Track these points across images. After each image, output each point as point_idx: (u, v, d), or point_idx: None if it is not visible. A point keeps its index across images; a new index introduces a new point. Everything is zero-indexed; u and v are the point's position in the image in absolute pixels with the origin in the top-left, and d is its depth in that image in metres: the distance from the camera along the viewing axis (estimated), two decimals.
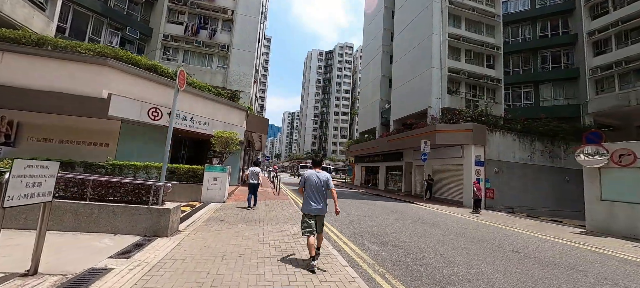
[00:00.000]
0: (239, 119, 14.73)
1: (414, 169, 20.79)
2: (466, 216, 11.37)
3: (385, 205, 13.39)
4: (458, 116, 16.94)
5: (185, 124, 11.69)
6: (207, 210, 8.08)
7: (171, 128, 5.50)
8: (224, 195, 9.87)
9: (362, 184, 31.14)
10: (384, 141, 23.73)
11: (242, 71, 19.10)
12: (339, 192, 18.08)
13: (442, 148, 17.36)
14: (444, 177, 17.52)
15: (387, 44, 29.96)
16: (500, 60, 21.72)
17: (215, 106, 13.40)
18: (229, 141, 10.44)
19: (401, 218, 9.35)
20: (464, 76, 20.23)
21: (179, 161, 13.03)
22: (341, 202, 12.99)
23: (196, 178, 9.87)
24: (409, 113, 22.40)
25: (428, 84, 20.18)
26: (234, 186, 14.57)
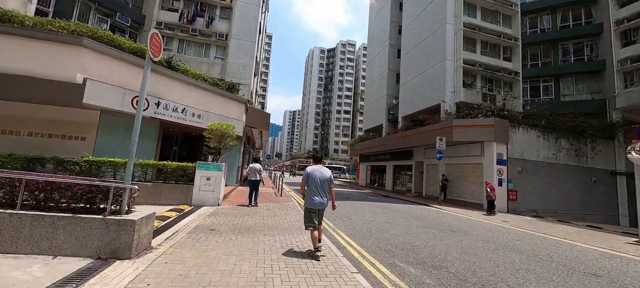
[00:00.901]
0: (237, 113, 13.37)
1: (425, 168, 19.40)
2: (495, 221, 9.98)
3: (400, 208, 12.01)
4: (477, 110, 15.53)
5: (175, 117, 10.34)
6: (196, 216, 6.73)
7: (140, 112, 4.15)
8: (218, 196, 8.52)
9: (368, 184, 29.78)
10: (392, 139, 22.34)
11: (242, 62, 17.75)
12: (344, 193, 16.78)
13: (459, 145, 15.97)
14: (460, 177, 16.13)
15: (395, 37, 28.53)
16: (517, 52, 20.27)
17: (211, 97, 12.05)
18: (225, 135, 9.08)
19: (425, 225, 7.97)
20: (480, 68, 18.80)
21: (170, 158, 11.69)
22: (351, 205, 11.62)
23: (186, 177, 8.52)
24: (420, 109, 20.98)
25: (441, 77, 18.77)
26: (231, 187, 13.24)
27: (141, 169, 8.14)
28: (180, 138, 11.95)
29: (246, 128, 15.94)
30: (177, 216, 6.49)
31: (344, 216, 8.52)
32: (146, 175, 8.21)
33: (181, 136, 12.09)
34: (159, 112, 9.78)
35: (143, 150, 9.67)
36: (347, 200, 13.74)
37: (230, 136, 9.27)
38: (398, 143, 21.29)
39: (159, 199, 8.08)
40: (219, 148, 9.05)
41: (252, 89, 19.04)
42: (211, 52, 17.83)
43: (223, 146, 9.18)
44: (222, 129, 8.98)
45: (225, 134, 9.09)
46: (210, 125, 8.94)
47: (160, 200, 8.09)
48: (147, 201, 7.91)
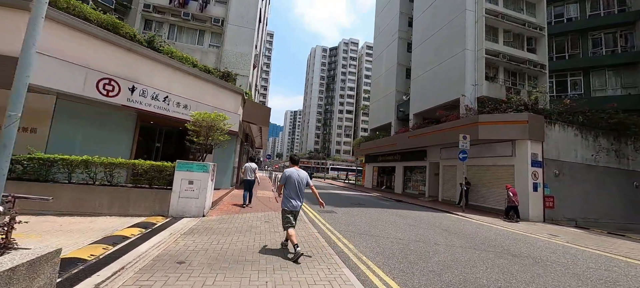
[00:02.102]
0: (233, 105, 11.57)
1: (441, 170, 17.54)
2: (542, 235, 8.12)
3: (423, 217, 10.17)
4: (505, 105, 13.67)
5: (156, 106, 8.54)
6: (167, 235, 4.91)
7: (22, 78, 2.23)
8: (203, 204, 6.70)
9: (374, 186, 27.92)
10: (402, 138, 20.49)
11: (240, 50, 15.96)
12: (351, 197, 14.88)
13: (484, 144, 14.11)
14: (484, 181, 14.26)
15: (404, 30, 26.71)
16: (543, 42, 18.40)
17: (201, 85, 10.25)
18: (214, 128, 7.26)
19: (472, 246, 6.13)
20: (504, 59, 16.95)
21: (153, 157, 9.87)
22: (365, 214, 9.77)
23: (163, 180, 6.70)
24: (434, 105, 19.13)
25: (461, 69, 16.92)
26: (225, 190, 11.43)
27: (105, 169, 6.33)
28: (165, 132, 10.14)
29: (243, 123, 14.13)
30: (138, 236, 4.67)
31: (364, 232, 6.68)
32: (112, 177, 6.40)
33: (166, 131, 10.26)
34: (134, 99, 7.98)
35: (114, 146, 7.89)
36: (359, 206, 11.90)
37: (220, 130, 7.44)
38: (410, 142, 19.46)
39: (126, 209, 6.27)
40: (206, 144, 7.22)
41: (251, 81, 17.25)
42: (205, 39, 16.05)
43: (211, 142, 7.35)
44: (210, 119, 7.16)
45: (214, 126, 7.27)
46: (195, 114, 7.11)
47: (127, 209, 6.28)
48: (110, 211, 6.13)
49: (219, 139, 7.32)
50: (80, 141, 7.61)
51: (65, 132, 7.30)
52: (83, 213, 6.02)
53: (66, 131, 7.32)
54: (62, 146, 6.99)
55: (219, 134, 7.28)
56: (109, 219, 5.85)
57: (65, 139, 7.24)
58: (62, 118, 7.26)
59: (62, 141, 7.16)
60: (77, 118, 7.53)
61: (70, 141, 7.38)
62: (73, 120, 7.46)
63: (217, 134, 7.28)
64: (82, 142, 7.61)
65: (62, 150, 6.54)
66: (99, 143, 7.92)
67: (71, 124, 7.44)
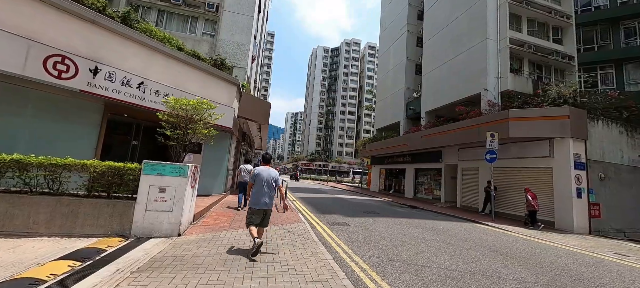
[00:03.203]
0: (226, 97, 9.92)
1: (460, 173, 15.81)
2: (612, 255, 6.38)
3: (457, 231, 8.44)
4: (538, 98, 11.97)
5: (127, 94, 6.88)
6: (110, 275, 3.21)
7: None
8: (179, 219, 5.01)
9: (381, 190, 26.18)
10: (414, 138, 18.79)
11: (237, 40, 14.33)
12: (360, 203, 13.03)
13: (514, 143, 12.40)
14: (512, 185, 12.53)
15: (413, 23, 25.10)
16: (570, 32, 16.73)
17: (187, 72, 8.61)
18: (196, 119, 5.59)
19: (549, 281, 4.41)
20: (530, 50, 15.26)
21: (128, 157, 8.18)
22: (384, 225, 8.05)
23: (126, 186, 5.03)
24: (450, 101, 17.45)
25: (481, 61, 15.25)
26: (217, 196, 9.74)
27: (45, 173, 4.67)
28: (143, 128, 8.45)
29: (240, 120, 12.47)
30: (61, 278, 2.99)
31: (393, 256, 4.97)
32: (57, 184, 4.74)
33: (145, 126, 8.55)
34: (97, 84, 6.32)
35: (73, 143, 6.25)
36: (372, 214, 10.17)
37: (205, 122, 5.77)
38: (423, 142, 17.75)
39: (72, 226, 4.60)
40: (185, 140, 5.54)
41: (250, 75, 15.61)
42: (198, 27, 14.44)
43: (194, 138, 5.68)
44: (191, 107, 5.48)
45: (196, 116, 5.60)
46: (170, 101, 5.44)
47: (74, 228, 4.61)
48: (49, 230, 4.48)
49: (203, 134, 5.63)
50: (27, 136, 5.96)
51: (2, 125, 5.65)
52: (10, 232, 4.36)
53: (4, 123, 5.67)
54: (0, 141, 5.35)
55: (201, 127, 5.59)
56: (41, 242, 4.18)
57: (1, 133, 5.59)
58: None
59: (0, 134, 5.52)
60: (21, 107, 5.90)
61: (11, 136, 5.72)
62: (15, 109, 5.82)
63: (200, 127, 5.59)
64: (30, 138, 5.96)
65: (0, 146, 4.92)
66: (53, 140, 6.28)
67: (12, 115, 5.80)
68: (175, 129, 5.32)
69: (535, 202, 10.26)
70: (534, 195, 10.45)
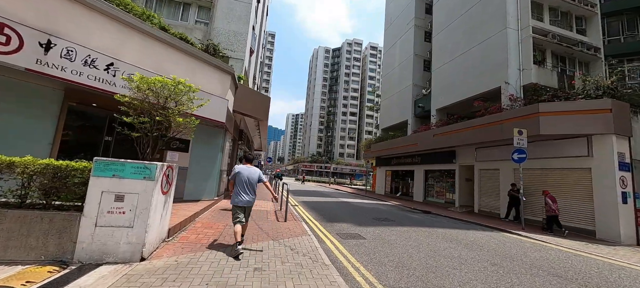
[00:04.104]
0: (219, 87, 8.62)
1: (478, 175, 14.45)
2: None
3: (491, 244, 7.10)
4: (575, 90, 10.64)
5: (92, 77, 5.57)
6: None
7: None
8: (142, 237, 3.68)
9: (387, 192, 24.80)
10: (425, 137, 17.46)
11: (233, 28, 13.07)
12: (367, 207, 11.24)
13: (544, 141, 11.06)
14: (541, 188, 11.14)
15: (421, 17, 23.85)
16: (595, 22, 15.46)
17: (171, 55, 7.31)
18: (169, 104, 4.27)
19: None
20: (554, 40, 13.95)
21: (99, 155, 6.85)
22: (407, 237, 6.69)
23: (72, 193, 3.70)
24: (464, 97, 16.15)
25: (501, 52, 13.94)
26: (208, 201, 8.40)
27: None
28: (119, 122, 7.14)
29: (236, 115, 11.16)
30: None
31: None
32: None
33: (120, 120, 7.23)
34: (50, 62, 5.02)
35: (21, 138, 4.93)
36: (386, 223, 8.80)
37: (182, 107, 4.45)
38: (434, 141, 16.42)
39: None
40: (153, 131, 4.21)
41: (248, 68, 14.32)
42: (190, 14, 13.19)
43: (163, 126, 4.35)
44: (163, 87, 4.17)
45: (172, 100, 4.28)
46: (134, 79, 4.12)
47: None
48: None
49: (178, 122, 4.31)
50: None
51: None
52: None
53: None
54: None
55: (177, 114, 4.27)
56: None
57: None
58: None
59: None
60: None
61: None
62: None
63: (174, 115, 4.27)
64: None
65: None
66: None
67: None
68: (139, 115, 3.99)
69: (556, 206, 9.45)
70: (554, 198, 9.62)
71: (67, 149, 6.09)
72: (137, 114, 4.05)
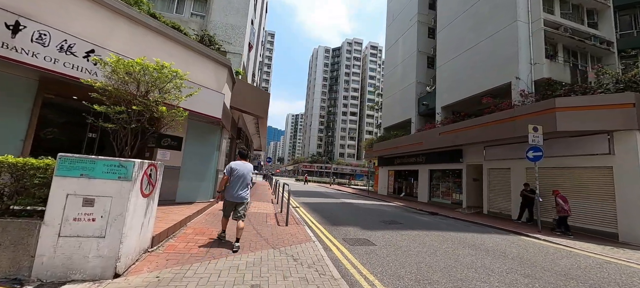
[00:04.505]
0: (214, 80, 8.01)
1: (486, 174, 13.84)
2: None
3: (519, 253, 6.49)
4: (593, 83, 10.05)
5: (69, 65, 4.97)
6: None
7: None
8: (117, 250, 3.06)
9: (390, 193, 24.19)
10: (430, 135, 16.85)
11: (230, 22, 12.47)
12: (373, 209, 10.34)
13: (559, 139, 10.46)
14: (557, 188, 10.52)
15: (425, 13, 23.27)
16: (608, 15, 14.89)
17: (162, 45, 6.70)
18: (151, 93, 3.65)
19: None
20: (566, 34, 13.37)
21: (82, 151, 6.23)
22: (422, 242, 6.10)
23: (29, 195, 3.08)
24: (472, 94, 15.55)
25: (511, 46, 13.34)
26: (202, 204, 7.78)
27: None
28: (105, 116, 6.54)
29: (233, 111, 10.55)
30: None
31: None
32: None
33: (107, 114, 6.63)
34: (19, 46, 4.41)
35: None
36: (395, 226, 8.18)
37: (166, 95, 3.84)
38: (440, 140, 15.81)
39: None
40: (131, 122, 3.59)
41: (246, 63, 13.72)
42: (185, 7, 12.58)
43: (144, 118, 3.73)
44: (143, 71, 3.55)
45: (155, 85, 3.66)
46: (111, 62, 3.51)
47: None
48: None
49: (161, 113, 3.69)
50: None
51: None
52: None
53: None
54: None
55: (160, 102, 3.65)
56: None
57: None
58: None
59: None
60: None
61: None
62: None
63: (157, 103, 3.65)
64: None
65: None
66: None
67: None
68: (115, 104, 3.38)
69: (567, 206, 9.04)
70: (565, 198, 9.18)
71: (47, 148, 5.47)
72: (113, 103, 3.43)
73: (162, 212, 5.76)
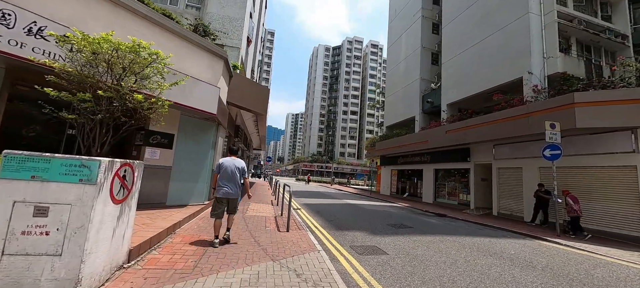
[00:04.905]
0: (208, 73, 7.39)
1: (496, 174, 13.23)
2: None
3: (547, 262, 5.89)
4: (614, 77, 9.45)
5: (41, 51, 4.34)
6: None
7: None
8: (77, 271, 2.44)
9: (392, 193, 23.59)
10: (436, 133, 16.25)
11: (228, 14, 11.86)
12: (377, 210, 9.77)
13: (576, 137, 9.85)
14: (571, 189, 9.91)
15: (429, 8, 22.65)
16: (622, 7, 14.26)
17: (150, 32, 6.08)
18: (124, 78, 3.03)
19: None
20: (580, 27, 12.74)
21: (60, 152, 5.62)
22: (438, 249, 5.47)
23: None
24: (480, 90, 14.97)
25: (523, 39, 12.72)
26: (196, 207, 7.18)
27: None
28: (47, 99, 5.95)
29: (231, 107, 9.94)
30: None
31: None
32: None
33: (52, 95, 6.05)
34: None
35: None
36: (404, 230, 7.57)
37: (145, 82, 3.22)
38: (446, 138, 15.20)
39: None
40: (99, 112, 2.97)
41: (244, 57, 13.10)
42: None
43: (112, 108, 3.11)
44: (111, 52, 2.93)
45: (130, 68, 3.04)
46: (70, 38, 2.89)
47: None
48: None
49: (137, 102, 3.07)
50: None
51: None
52: None
53: None
54: None
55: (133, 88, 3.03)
56: None
57: None
58: None
59: None
60: None
61: None
62: None
63: (133, 90, 3.03)
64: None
65: None
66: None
67: None
68: (80, 89, 2.77)
69: (578, 207, 8.66)
70: (576, 198, 8.76)
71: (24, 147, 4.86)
72: (78, 89, 2.82)
73: (149, 217, 5.16)
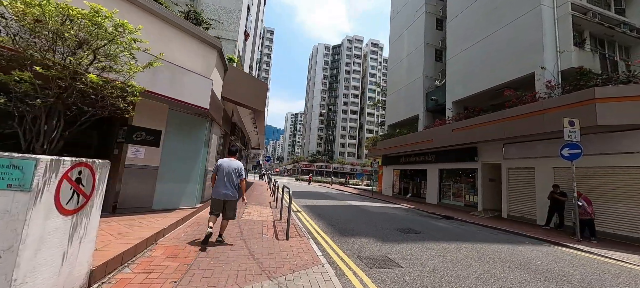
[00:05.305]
0: (201, 64, 6.73)
1: (506, 174, 12.60)
2: None
3: (582, 276, 5.28)
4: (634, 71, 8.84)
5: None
6: None
7: None
8: None
9: (395, 193, 22.97)
10: (442, 132, 15.63)
11: (224, 5, 11.19)
12: (382, 212, 9.12)
13: (595, 135, 9.24)
14: (589, 190, 9.29)
15: (433, 3, 21.99)
16: (636, 0, 13.64)
17: (133, 15, 5.40)
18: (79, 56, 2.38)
19: None
20: (594, 20, 12.13)
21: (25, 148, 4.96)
22: (452, 256, 4.83)
23: None
24: (488, 87, 14.34)
25: (534, 33, 12.10)
26: (186, 210, 6.52)
27: None
28: None
29: (226, 103, 9.28)
30: None
31: None
32: None
33: None
34: None
35: None
36: (416, 236, 6.93)
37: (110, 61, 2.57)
38: (452, 137, 14.59)
39: None
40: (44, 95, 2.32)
41: (241, 51, 12.44)
42: None
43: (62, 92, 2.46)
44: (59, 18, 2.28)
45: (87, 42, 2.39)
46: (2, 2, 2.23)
47: None
48: None
49: (91, 83, 2.42)
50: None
51: None
52: None
53: None
54: None
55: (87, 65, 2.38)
56: None
57: None
58: None
59: None
60: None
61: None
62: None
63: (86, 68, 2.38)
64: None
65: None
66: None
67: None
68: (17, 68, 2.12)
69: (591, 209, 8.22)
70: (589, 200, 8.30)
71: None
72: (15, 66, 2.17)
73: (127, 225, 4.50)
